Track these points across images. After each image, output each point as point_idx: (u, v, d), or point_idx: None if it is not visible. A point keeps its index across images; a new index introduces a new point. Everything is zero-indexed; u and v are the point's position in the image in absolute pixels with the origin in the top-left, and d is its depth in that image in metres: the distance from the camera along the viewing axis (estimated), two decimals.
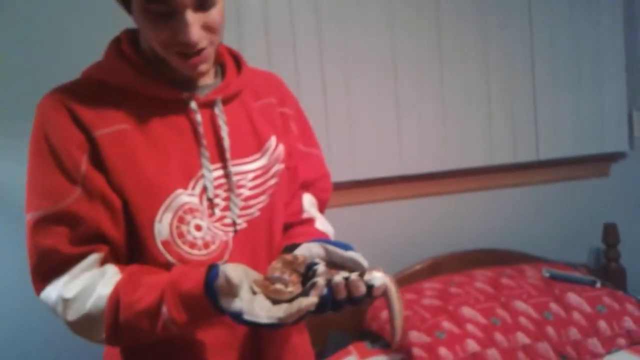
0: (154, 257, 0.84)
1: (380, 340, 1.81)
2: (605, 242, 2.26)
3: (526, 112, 2.17)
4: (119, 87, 0.87)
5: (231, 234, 0.89)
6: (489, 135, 2.13)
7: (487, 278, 1.90)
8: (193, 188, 0.85)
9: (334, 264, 0.81)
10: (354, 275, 0.75)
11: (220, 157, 0.88)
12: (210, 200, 0.86)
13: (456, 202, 2.18)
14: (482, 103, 2.12)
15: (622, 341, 1.71)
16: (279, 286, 0.77)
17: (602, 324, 1.72)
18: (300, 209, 1.04)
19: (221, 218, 0.88)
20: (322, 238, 0.89)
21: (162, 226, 0.82)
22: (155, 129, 0.85)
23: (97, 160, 0.83)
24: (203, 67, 0.86)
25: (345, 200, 2.02)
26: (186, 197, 0.84)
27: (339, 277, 0.75)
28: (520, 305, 1.77)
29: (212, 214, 0.87)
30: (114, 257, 0.85)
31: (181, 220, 0.83)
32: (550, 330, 1.71)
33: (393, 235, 2.09)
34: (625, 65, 2.28)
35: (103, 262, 0.83)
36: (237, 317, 0.74)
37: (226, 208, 0.89)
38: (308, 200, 1.06)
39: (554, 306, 1.78)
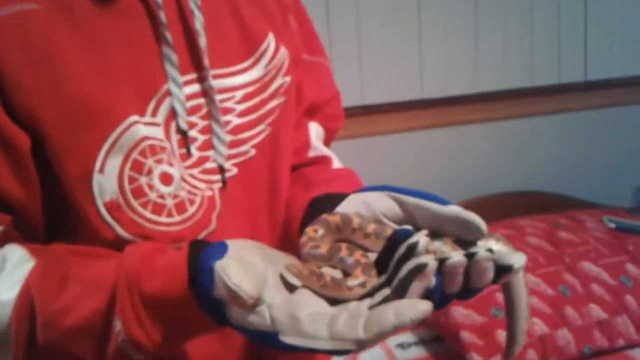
0: (92, 230, 0.64)
1: None
2: None
3: (574, 28, 2.00)
4: None
5: (217, 187, 0.70)
6: (530, 52, 1.96)
7: (541, 231, 1.64)
8: (154, 114, 0.66)
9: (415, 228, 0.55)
10: (482, 252, 0.49)
11: (194, 63, 0.69)
12: (182, 132, 0.67)
13: (485, 133, 1.98)
14: (523, 15, 1.95)
15: None
16: (335, 275, 0.52)
17: None
18: (308, 144, 0.83)
19: (200, 161, 0.69)
20: (373, 186, 0.64)
21: (106, 179, 0.63)
22: (87, 16, 0.64)
23: None
24: None
25: (351, 131, 1.79)
26: (144, 128, 0.64)
27: (458, 255, 0.49)
28: (589, 267, 1.52)
29: (186, 156, 0.68)
30: (21, 232, 0.66)
31: (137, 167, 0.64)
32: (629, 300, 1.47)
33: (408, 175, 1.89)
34: None
35: (1, 241, 0.64)
36: (268, 339, 0.51)
37: (207, 145, 0.69)
38: (315, 132, 0.85)
39: (631, 268, 1.53)
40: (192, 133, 0.68)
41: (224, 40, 0.71)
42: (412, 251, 0.49)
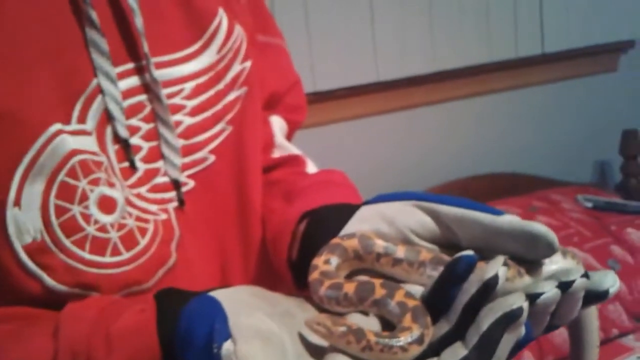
0: (12, 284, 0.52)
1: None
2: (623, 154, 2.01)
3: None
4: None
5: (172, 206, 0.60)
6: (486, 27, 1.93)
7: (516, 215, 1.51)
8: (81, 119, 0.55)
9: (454, 244, 0.45)
10: (578, 279, 0.39)
11: (130, 50, 0.59)
12: (122, 141, 0.57)
13: (447, 113, 1.94)
14: None
15: None
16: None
17: None
18: (271, 142, 0.73)
19: (148, 176, 0.59)
20: (391, 194, 0.52)
21: (25, 213, 0.51)
22: None
23: None
24: None
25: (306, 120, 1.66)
26: (71, 139, 0.53)
27: (550, 287, 0.39)
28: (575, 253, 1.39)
29: (129, 171, 0.58)
30: None
31: (67, 193, 0.52)
32: (620, 285, 1.33)
33: (367, 163, 1.82)
34: None
35: None
36: None
37: (154, 155, 0.59)
38: (279, 127, 0.76)
39: (617, 250, 1.49)
40: (135, 140, 0.58)
41: (164, 21, 0.61)
42: (490, 290, 0.38)
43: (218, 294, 0.43)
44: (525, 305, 0.36)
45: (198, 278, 0.59)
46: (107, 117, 0.55)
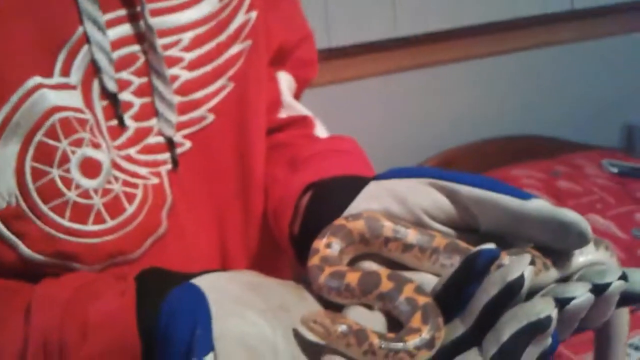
0: None
1: None
2: None
3: None
4: None
5: (165, 169, 0.56)
6: None
7: (538, 182, 1.57)
8: (65, 72, 0.50)
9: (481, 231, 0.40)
10: (616, 282, 0.35)
11: None
12: (111, 96, 0.53)
13: (466, 73, 1.89)
14: None
15: None
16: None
17: None
18: (278, 101, 0.69)
19: (139, 136, 0.55)
20: (403, 169, 0.48)
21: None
22: None
23: None
24: None
25: (317, 78, 1.62)
26: (52, 94, 0.49)
27: (582, 291, 0.34)
28: (597, 221, 1.43)
29: (117, 130, 0.54)
30: None
31: (45, 154, 0.49)
32: None
33: (380, 125, 1.79)
34: None
35: None
36: None
37: (147, 112, 0.55)
38: (287, 85, 0.71)
39: None
40: (125, 96, 0.55)
41: None
42: (514, 294, 0.34)
43: (206, 284, 0.40)
44: (554, 314, 0.32)
45: (192, 249, 0.57)
46: (94, 70, 0.52)
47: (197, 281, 0.39)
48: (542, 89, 1.96)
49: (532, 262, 0.33)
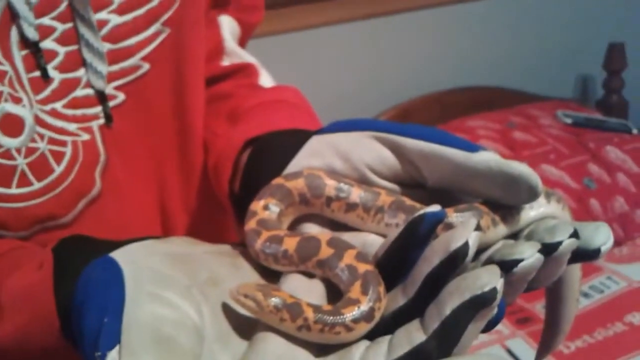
0: None
1: None
2: (607, 68, 1.94)
3: None
4: None
5: (97, 124, 0.52)
6: None
7: (494, 132, 1.56)
8: None
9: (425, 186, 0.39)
10: (566, 240, 0.32)
11: None
12: (32, 45, 0.49)
13: (419, 22, 1.86)
14: None
15: None
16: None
17: None
18: (220, 48, 0.65)
19: (66, 88, 0.51)
20: (345, 121, 0.45)
21: None
22: None
23: None
24: None
25: (267, 27, 1.61)
26: None
27: (531, 252, 0.31)
28: (550, 171, 1.44)
29: (40, 83, 0.50)
30: None
31: None
32: (594, 205, 1.41)
33: (330, 78, 1.75)
34: None
35: None
36: None
37: (74, 61, 0.51)
38: (229, 30, 0.67)
39: (594, 169, 1.47)
40: (48, 44, 0.50)
41: None
42: (458, 263, 0.32)
43: (124, 257, 0.36)
44: (499, 285, 0.29)
45: (130, 210, 0.53)
46: (11, 15, 0.47)
47: (116, 254, 0.36)
48: (498, 40, 1.95)
49: (478, 227, 0.31)
